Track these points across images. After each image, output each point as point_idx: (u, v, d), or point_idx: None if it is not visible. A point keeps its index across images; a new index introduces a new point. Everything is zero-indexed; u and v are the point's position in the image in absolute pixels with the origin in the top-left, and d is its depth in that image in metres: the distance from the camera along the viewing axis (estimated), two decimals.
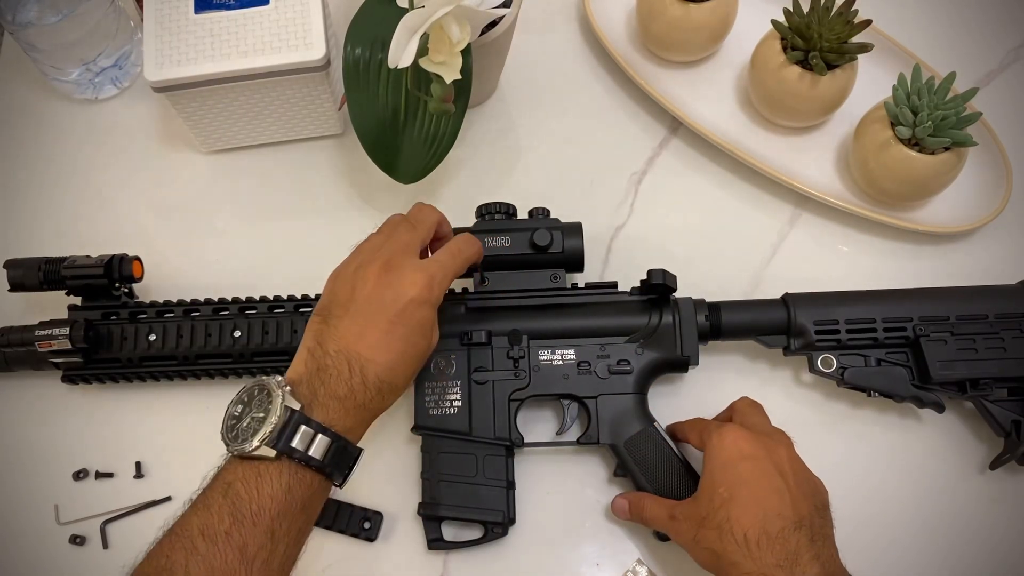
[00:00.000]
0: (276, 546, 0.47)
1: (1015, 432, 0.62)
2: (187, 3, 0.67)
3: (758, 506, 0.51)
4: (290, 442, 0.48)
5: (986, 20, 0.83)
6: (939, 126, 0.65)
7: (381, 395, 0.52)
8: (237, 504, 0.47)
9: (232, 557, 0.45)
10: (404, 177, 0.68)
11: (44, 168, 0.77)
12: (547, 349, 0.63)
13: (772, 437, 0.56)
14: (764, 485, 0.52)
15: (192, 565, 0.45)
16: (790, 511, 0.51)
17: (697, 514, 0.54)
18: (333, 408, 0.50)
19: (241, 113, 0.72)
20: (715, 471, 0.54)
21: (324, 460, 0.49)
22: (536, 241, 0.63)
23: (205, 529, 0.46)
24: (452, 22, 0.58)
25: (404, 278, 0.53)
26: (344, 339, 0.52)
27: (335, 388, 0.51)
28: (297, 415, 0.49)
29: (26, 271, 0.64)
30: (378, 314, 0.52)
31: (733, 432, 0.55)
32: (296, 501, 0.48)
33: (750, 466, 0.53)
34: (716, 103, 0.78)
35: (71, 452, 0.67)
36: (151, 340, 0.64)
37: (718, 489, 0.53)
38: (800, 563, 0.49)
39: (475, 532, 0.62)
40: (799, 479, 0.54)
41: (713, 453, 0.55)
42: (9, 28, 0.71)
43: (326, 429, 0.49)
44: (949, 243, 0.73)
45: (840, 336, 0.63)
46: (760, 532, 0.50)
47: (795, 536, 0.50)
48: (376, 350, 0.52)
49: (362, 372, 0.51)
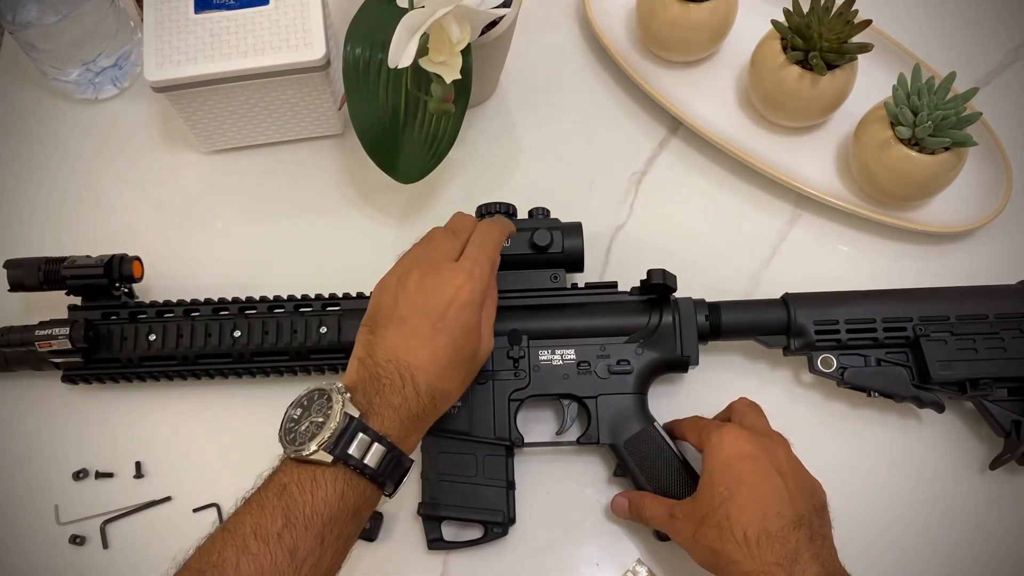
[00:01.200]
0: (325, 552, 0.47)
1: (1015, 432, 0.62)
2: (187, 3, 0.67)
3: (758, 505, 0.51)
4: (347, 449, 0.48)
5: (986, 20, 0.83)
6: (939, 126, 0.65)
7: (434, 403, 0.52)
8: (291, 506, 0.47)
9: (282, 559, 0.46)
10: (404, 177, 0.68)
11: (44, 168, 0.77)
12: (547, 349, 0.63)
13: (771, 438, 0.57)
14: (763, 484, 0.52)
15: (243, 563, 0.45)
16: (789, 510, 0.51)
17: (696, 513, 0.54)
18: (388, 417, 0.50)
19: (241, 113, 0.72)
20: (714, 470, 0.54)
21: (379, 469, 0.49)
22: (536, 241, 0.63)
23: (258, 529, 0.46)
24: (452, 22, 0.58)
25: (443, 282, 0.53)
26: (392, 349, 0.52)
27: (390, 397, 0.51)
28: (356, 422, 0.49)
29: (26, 271, 0.64)
30: (421, 321, 0.52)
31: (732, 432, 0.55)
32: (348, 508, 0.48)
33: (749, 465, 0.53)
34: (716, 103, 0.78)
35: (71, 452, 0.67)
36: (151, 340, 0.64)
37: (717, 488, 0.53)
38: (800, 561, 0.49)
39: (475, 532, 0.62)
40: (798, 479, 0.54)
41: (712, 452, 0.55)
42: (9, 28, 0.71)
43: (382, 438, 0.49)
44: (949, 243, 0.73)
45: (840, 336, 0.63)
46: (760, 530, 0.50)
47: (795, 535, 0.50)
48: (423, 358, 0.51)
49: (413, 381, 0.51)
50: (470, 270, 0.54)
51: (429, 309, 0.52)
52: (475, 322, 0.54)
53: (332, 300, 0.65)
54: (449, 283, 0.53)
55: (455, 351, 0.53)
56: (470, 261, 0.55)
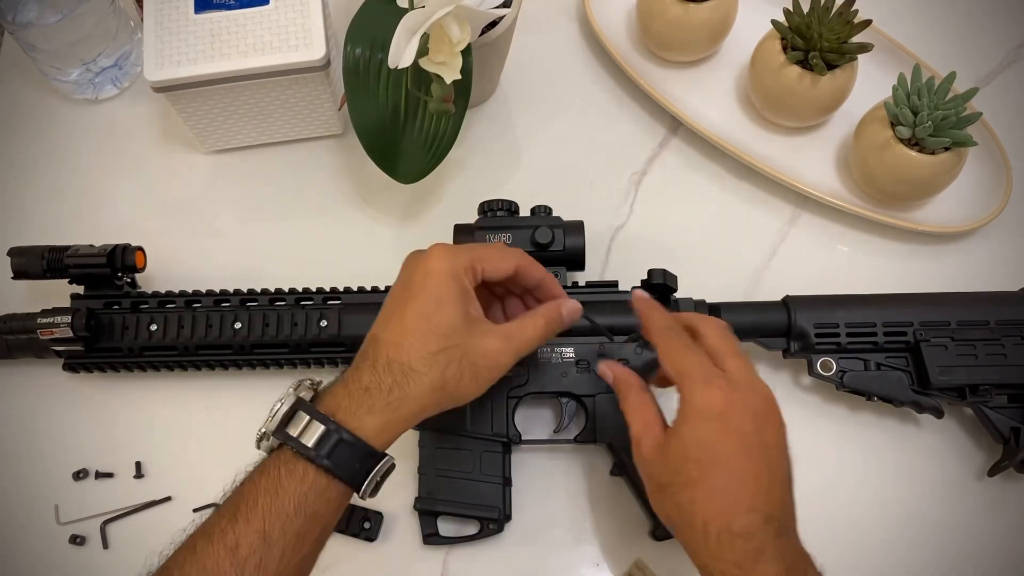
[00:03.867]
0: (270, 550, 0.44)
1: (1014, 439, 0.62)
2: (187, 3, 0.67)
3: (729, 496, 0.45)
4: (285, 427, 0.46)
5: (986, 20, 0.83)
6: (939, 126, 0.65)
7: (392, 376, 0.48)
8: (238, 501, 0.45)
9: (223, 556, 0.43)
10: (404, 177, 0.68)
11: (44, 168, 0.77)
12: (546, 347, 0.63)
13: (762, 402, 0.49)
14: (742, 471, 0.46)
15: (187, 565, 0.44)
16: (764, 502, 0.45)
17: (660, 476, 0.48)
18: (337, 394, 0.48)
19: (241, 113, 0.72)
20: (689, 437, 0.47)
21: (319, 450, 0.45)
22: (537, 239, 0.63)
23: (207, 528, 0.45)
24: (452, 22, 0.58)
25: (425, 253, 0.52)
26: (372, 330, 0.51)
27: (345, 375, 0.49)
28: (298, 401, 0.47)
29: (30, 259, 0.64)
30: (395, 293, 0.52)
31: (723, 398, 0.47)
32: (288, 497, 0.45)
33: (735, 444, 0.46)
34: (716, 103, 0.78)
35: (71, 451, 0.67)
36: (152, 330, 0.64)
37: (688, 463, 0.46)
38: (761, 561, 0.44)
39: (473, 529, 0.62)
40: (781, 459, 0.48)
41: (693, 416, 0.47)
42: (9, 28, 0.71)
43: (323, 416, 0.46)
44: (949, 243, 0.73)
45: (840, 339, 0.63)
46: (723, 527, 0.45)
47: (762, 532, 0.44)
48: (389, 328, 0.49)
49: (374, 354, 0.49)
50: (445, 246, 0.52)
51: (402, 283, 0.52)
52: (446, 293, 0.50)
53: (333, 294, 0.66)
54: (423, 256, 0.52)
55: (418, 318, 0.49)
56: (449, 245, 0.53)
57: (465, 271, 0.51)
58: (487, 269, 0.53)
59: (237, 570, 0.43)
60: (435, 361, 0.49)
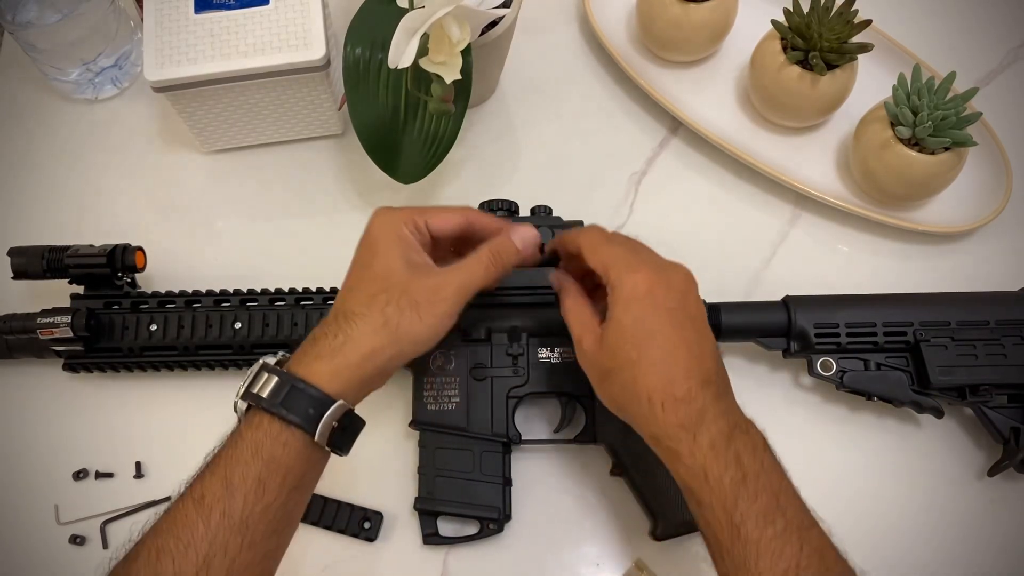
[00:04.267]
0: (233, 496, 0.46)
1: (1014, 439, 0.62)
2: (187, 3, 0.67)
3: (666, 367, 0.48)
4: (251, 388, 0.49)
5: (986, 20, 0.83)
6: (939, 126, 0.65)
7: (337, 324, 0.51)
8: (207, 456, 0.48)
9: (191, 508, 0.45)
10: (404, 177, 0.68)
11: (43, 168, 0.77)
12: (546, 347, 0.63)
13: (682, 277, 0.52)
14: (675, 341, 0.49)
15: (161, 522, 0.46)
16: (697, 368, 0.48)
17: (602, 365, 0.51)
18: (296, 354, 0.51)
19: (241, 113, 0.72)
20: (624, 323, 0.50)
21: (274, 400, 0.48)
22: None
23: (182, 486, 0.48)
24: (452, 22, 0.58)
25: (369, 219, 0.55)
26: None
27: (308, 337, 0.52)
28: (264, 365, 0.50)
29: (29, 259, 0.64)
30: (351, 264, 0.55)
31: (647, 278, 0.50)
32: (244, 445, 0.47)
33: (664, 320, 0.49)
34: (716, 103, 0.78)
35: (71, 451, 0.67)
36: (152, 330, 0.64)
37: (625, 346, 0.49)
38: (705, 421, 0.47)
39: (472, 529, 0.62)
40: (704, 322, 0.51)
41: (623, 301, 0.50)
42: (9, 28, 0.71)
43: (278, 369, 0.49)
44: (949, 243, 0.73)
45: (840, 339, 0.63)
46: (665, 395, 0.48)
47: (702, 395, 0.48)
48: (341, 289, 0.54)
49: (330, 314, 0.52)
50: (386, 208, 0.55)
51: (359, 243, 0.55)
52: (382, 241, 0.53)
53: (333, 294, 0.66)
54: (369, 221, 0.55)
55: (359, 270, 0.54)
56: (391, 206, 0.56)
57: (404, 222, 0.54)
58: (431, 221, 0.55)
59: (204, 519, 0.45)
60: (374, 301, 0.51)
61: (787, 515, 0.45)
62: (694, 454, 0.47)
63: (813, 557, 0.44)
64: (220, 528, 0.45)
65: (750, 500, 0.45)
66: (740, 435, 0.47)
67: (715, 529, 0.46)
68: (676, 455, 0.47)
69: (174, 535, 0.45)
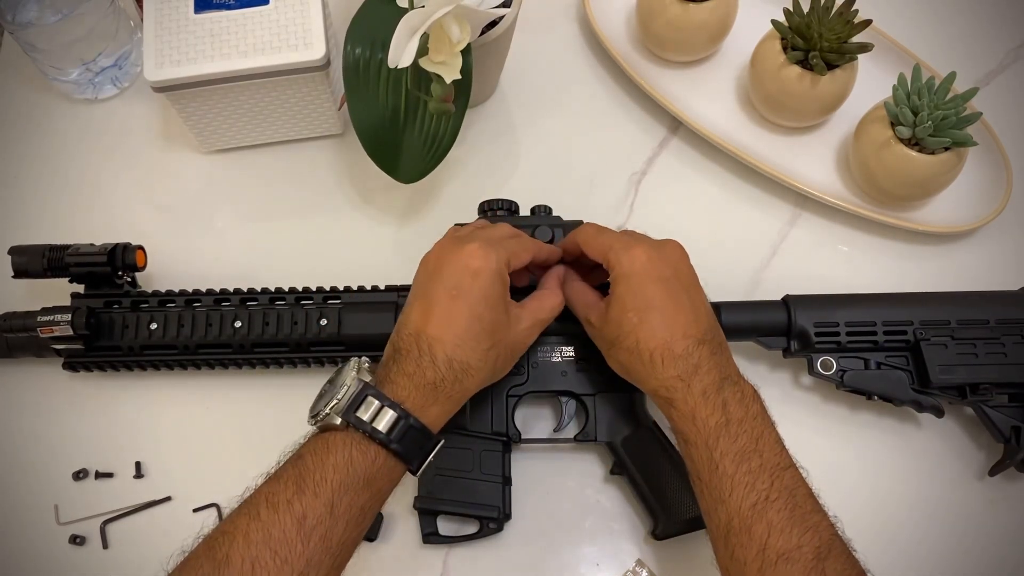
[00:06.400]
0: (336, 523, 0.47)
1: (1015, 438, 0.62)
2: (187, 3, 0.67)
3: (666, 328, 0.53)
4: (355, 411, 0.49)
5: (986, 20, 0.83)
6: (939, 126, 0.65)
7: (454, 373, 0.52)
8: (303, 474, 0.48)
9: (290, 526, 0.46)
10: (404, 177, 0.68)
11: (43, 168, 0.77)
12: (546, 346, 0.64)
13: (674, 251, 0.57)
14: (672, 306, 0.54)
15: (252, 530, 0.46)
16: (694, 328, 0.53)
17: (610, 336, 0.55)
18: (402, 385, 0.51)
19: (241, 113, 0.72)
20: (625, 295, 0.54)
21: (390, 435, 0.49)
22: (538, 238, 0.63)
23: (270, 497, 0.47)
24: (452, 22, 0.58)
25: (458, 255, 0.54)
26: (415, 322, 0.53)
27: (405, 367, 0.52)
28: (368, 387, 0.50)
29: (30, 258, 0.64)
30: (440, 290, 0.53)
31: (643, 252, 0.55)
32: (358, 475, 0.48)
33: (660, 289, 0.54)
34: (716, 103, 0.78)
35: (71, 451, 0.67)
36: (152, 329, 0.64)
37: (627, 314, 0.54)
38: (699, 373, 0.52)
39: (472, 528, 0.62)
40: (699, 290, 0.56)
41: (623, 274, 0.55)
42: (9, 28, 0.71)
43: (394, 403, 0.50)
44: (949, 243, 0.73)
45: (840, 339, 0.63)
46: (665, 351, 0.52)
47: (698, 351, 0.52)
48: (441, 327, 0.52)
49: (431, 351, 0.52)
50: (482, 244, 0.55)
51: (446, 277, 0.54)
52: (494, 293, 0.54)
53: (333, 293, 0.66)
54: (463, 254, 0.54)
55: (472, 320, 0.53)
56: (482, 239, 0.56)
57: (506, 267, 0.56)
58: (515, 263, 0.57)
59: (303, 540, 0.46)
60: (488, 357, 0.54)
61: (763, 456, 0.50)
62: (687, 400, 0.52)
63: (783, 492, 0.49)
64: (317, 550, 0.46)
65: (730, 440, 0.50)
66: (730, 386, 0.52)
67: (698, 465, 0.51)
68: (671, 402, 0.52)
69: (271, 549, 0.45)
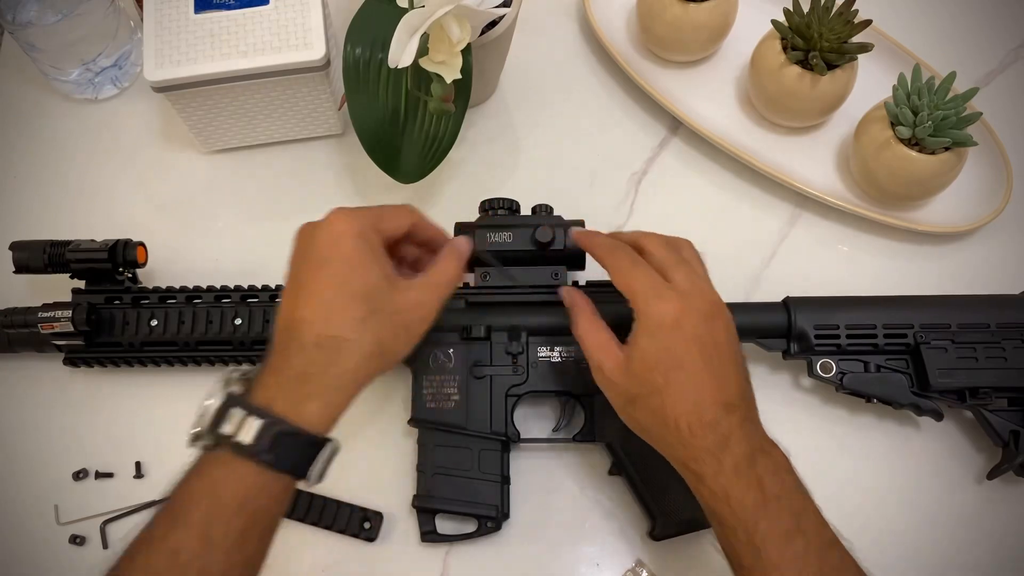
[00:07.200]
0: (212, 553, 0.42)
1: (1013, 442, 0.61)
2: (187, 3, 0.67)
3: (695, 393, 0.49)
4: (219, 427, 0.44)
5: (986, 20, 0.83)
6: (939, 126, 0.65)
7: (325, 354, 0.46)
8: (175, 505, 0.43)
9: (162, 562, 0.42)
10: (404, 177, 0.68)
11: (44, 168, 0.77)
12: (546, 346, 0.63)
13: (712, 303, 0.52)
14: (703, 368, 0.49)
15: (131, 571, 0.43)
16: (723, 394, 0.49)
17: (627, 391, 0.51)
18: (270, 385, 0.46)
19: (241, 113, 0.72)
20: (651, 349, 0.50)
21: (257, 446, 0.43)
22: (538, 238, 0.63)
23: (147, 535, 0.43)
24: (452, 22, 0.58)
25: (324, 221, 0.50)
26: (285, 311, 0.48)
27: (273, 362, 0.47)
28: (230, 397, 0.45)
29: (31, 253, 0.64)
30: (304, 269, 0.49)
31: (675, 307, 0.50)
32: (228, 498, 0.43)
33: (693, 348, 0.49)
34: (716, 103, 0.78)
35: (71, 451, 0.67)
36: (153, 325, 0.64)
37: (653, 372, 0.49)
38: (729, 445, 0.48)
39: (471, 527, 0.62)
40: (733, 349, 0.51)
41: (650, 329, 0.50)
42: (9, 28, 0.71)
43: (259, 409, 0.44)
44: (949, 243, 0.73)
45: (840, 341, 0.63)
46: (694, 420, 0.48)
47: (727, 420, 0.48)
48: (310, 306, 0.47)
49: (300, 337, 0.46)
50: (342, 210, 0.50)
51: (310, 258, 0.49)
52: (359, 254, 0.48)
53: None
54: (323, 224, 0.50)
55: (338, 287, 0.48)
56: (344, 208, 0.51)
57: (372, 230, 0.50)
58: (387, 228, 0.52)
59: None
60: (366, 326, 0.48)
61: (808, 536, 0.46)
62: (718, 477, 0.47)
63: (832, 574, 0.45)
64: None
65: (771, 521, 0.46)
66: (763, 458, 0.48)
67: (737, 551, 0.47)
68: (701, 478, 0.48)
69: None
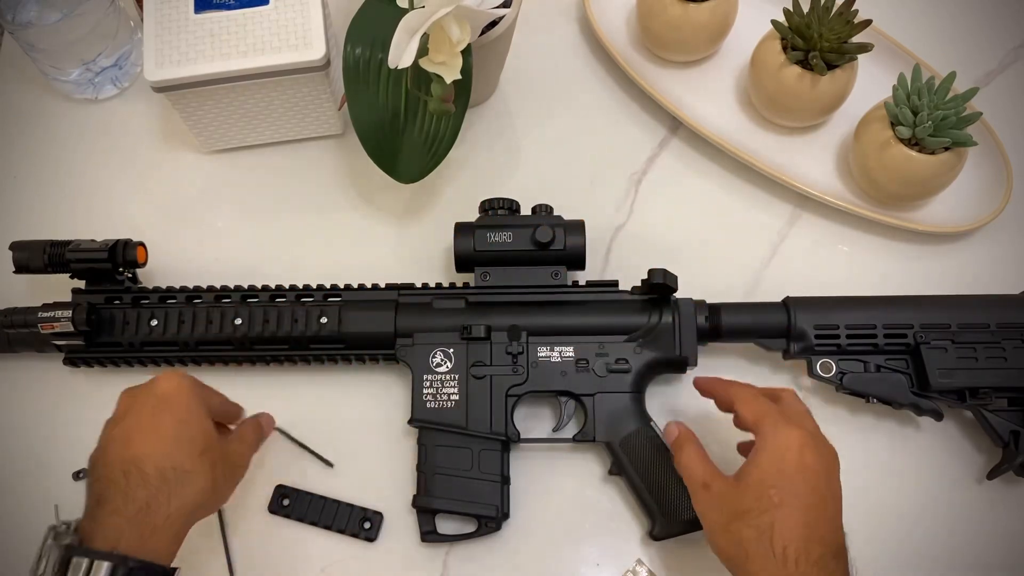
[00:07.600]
0: None
1: (1013, 442, 0.61)
2: (187, 3, 0.67)
3: (807, 525, 0.49)
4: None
5: (986, 20, 0.83)
6: (939, 126, 0.65)
7: (168, 485, 0.49)
8: None
9: None
10: (404, 177, 0.68)
11: (44, 168, 0.77)
12: (546, 346, 0.63)
13: (831, 453, 0.53)
14: (817, 505, 0.50)
15: None
16: (833, 538, 0.49)
17: (738, 505, 0.51)
18: (112, 526, 0.47)
19: (241, 113, 0.72)
20: (769, 470, 0.50)
21: None
22: (538, 238, 0.63)
23: None
24: (452, 22, 0.58)
25: (152, 382, 0.54)
26: (115, 453, 0.50)
27: (112, 503, 0.47)
28: (68, 549, 0.45)
29: (31, 253, 0.64)
30: (135, 417, 0.52)
31: (801, 436, 0.51)
32: None
33: (810, 480, 0.50)
34: (716, 103, 0.78)
35: (71, 450, 0.67)
36: (153, 325, 0.64)
37: (769, 490, 0.50)
38: None
39: (471, 527, 0.62)
40: (840, 505, 0.52)
41: (773, 449, 0.51)
42: (9, 28, 0.71)
43: (106, 553, 0.45)
44: (949, 243, 0.73)
45: (840, 341, 0.63)
46: (801, 551, 0.48)
47: (833, 564, 0.48)
48: (148, 443, 0.50)
49: (140, 471, 0.48)
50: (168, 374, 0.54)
51: (142, 407, 0.52)
52: (195, 405, 0.53)
53: (333, 291, 0.66)
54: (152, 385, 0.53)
55: (180, 425, 0.51)
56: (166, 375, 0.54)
57: (201, 389, 0.55)
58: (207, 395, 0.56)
59: None
60: (204, 460, 0.51)
61: None
62: None
63: None
64: None
65: None
66: None
67: None
68: None
69: None
